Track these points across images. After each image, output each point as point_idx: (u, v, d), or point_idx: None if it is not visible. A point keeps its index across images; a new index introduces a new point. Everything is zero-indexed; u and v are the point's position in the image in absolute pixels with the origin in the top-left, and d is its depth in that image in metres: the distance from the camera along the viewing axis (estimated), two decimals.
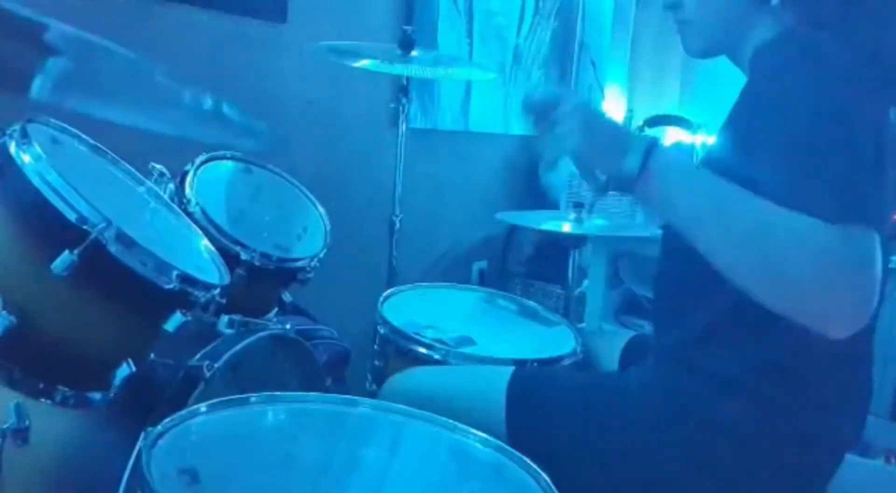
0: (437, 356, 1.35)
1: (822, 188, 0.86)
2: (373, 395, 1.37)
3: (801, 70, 0.94)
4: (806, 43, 0.98)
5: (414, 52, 1.98)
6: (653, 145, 0.93)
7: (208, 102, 1.15)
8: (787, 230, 0.84)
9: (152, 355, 1.20)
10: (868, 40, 0.99)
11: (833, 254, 0.82)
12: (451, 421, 0.99)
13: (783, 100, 0.94)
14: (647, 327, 1.31)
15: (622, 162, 0.93)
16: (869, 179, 0.88)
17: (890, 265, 1.13)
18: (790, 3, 1.04)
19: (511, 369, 1.21)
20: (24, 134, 1.04)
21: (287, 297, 1.68)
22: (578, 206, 2.30)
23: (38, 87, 1.00)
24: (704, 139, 3.09)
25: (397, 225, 2.20)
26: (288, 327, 1.50)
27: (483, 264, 3.23)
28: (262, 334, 1.40)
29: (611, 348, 1.43)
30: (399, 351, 1.40)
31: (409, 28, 2.01)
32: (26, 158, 1.02)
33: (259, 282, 1.51)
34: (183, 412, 0.91)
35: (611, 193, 1.00)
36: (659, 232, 1.16)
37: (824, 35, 0.98)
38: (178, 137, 1.46)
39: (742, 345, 1.02)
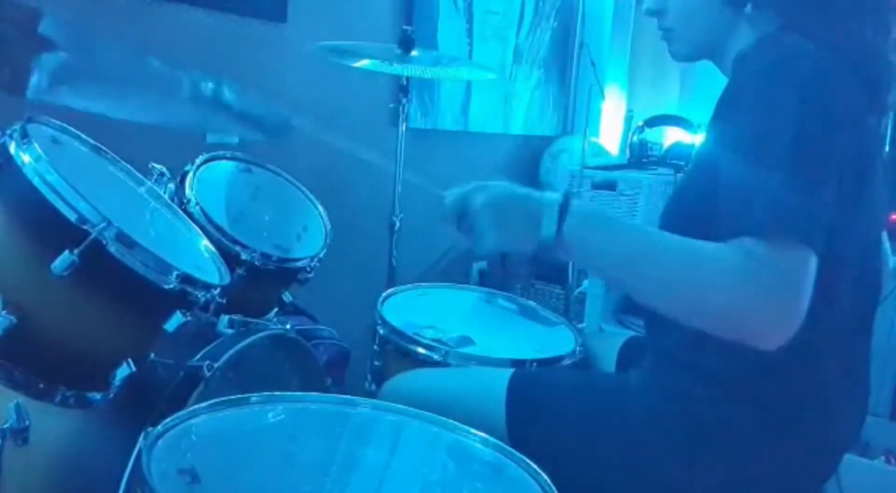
0: (436, 357, 1.35)
1: (761, 203, 0.87)
2: (372, 395, 1.36)
3: (768, 78, 0.95)
4: (780, 49, 0.98)
5: (414, 52, 1.98)
6: (565, 209, 0.96)
7: (209, 88, 1.15)
8: (697, 262, 0.88)
9: (152, 355, 1.20)
10: (846, 44, 0.99)
11: (748, 275, 0.85)
12: (450, 421, 0.99)
13: (747, 107, 0.95)
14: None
15: (538, 234, 0.97)
16: (815, 195, 0.88)
17: (890, 266, 1.13)
18: (764, 9, 1.05)
19: (510, 371, 1.21)
20: (24, 134, 1.04)
21: (287, 297, 1.68)
22: None
23: (36, 81, 1.00)
24: (703, 139, 3.09)
25: (397, 225, 2.20)
26: (288, 327, 1.50)
27: (483, 264, 3.23)
28: (262, 334, 1.40)
29: (609, 348, 1.43)
30: (399, 351, 1.40)
31: (409, 28, 2.01)
32: (26, 158, 1.02)
33: (259, 282, 1.51)
34: (183, 412, 0.91)
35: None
36: None
37: (801, 39, 0.97)
38: (178, 137, 1.46)
39: (736, 344, 1.02)
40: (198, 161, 1.55)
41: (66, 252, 1.00)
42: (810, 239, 0.86)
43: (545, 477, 0.89)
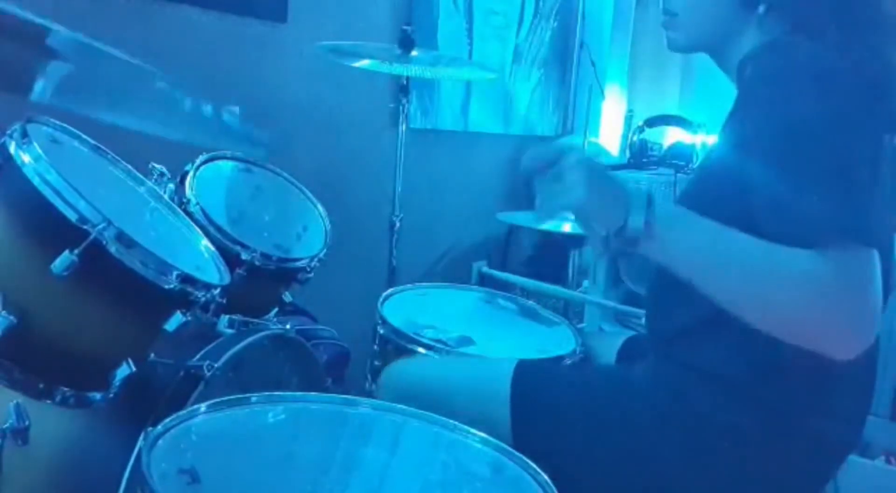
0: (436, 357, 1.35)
1: (817, 209, 0.86)
2: (372, 395, 1.36)
3: (795, 81, 0.94)
4: (796, 52, 0.97)
5: (414, 52, 1.98)
6: (651, 200, 0.93)
7: (209, 110, 1.16)
8: (776, 267, 0.86)
9: (152, 355, 1.20)
10: (856, 50, 0.98)
11: (823, 283, 0.83)
12: (450, 421, 0.99)
13: (777, 111, 0.94)
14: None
15: (626, 219, 0.93)
16: (865, 196, 0.88)
17: None
18: (777, 11, 1.04)
19: (514, 361, 1.21)
20: (24, 134, 1.04)
21: (287, 297, 1.68)
22: None
23: (40, 91, 1.00)
24: (704, 139, 3.09)
25: (397, 225, 2.20)
26: (288, 327, 1.50)
27: (483, 264, 3.24)
28: (262, 334, 1.40)
29: (609, 348, 1.43)
30: (399, 351, 1.40)
31: (409, 28, 2.01)
32: (26, 158, 1.02)
33: (259, 282, 1.51)
34: (183, 412, 0.91)
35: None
36: None
37: (814, 43, 0.97)
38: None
39: (739, 344, 1.02)
40: (198, 161, 1.55)
41: (66, 252, 1.00)
42: (872, 240, 0.85)
43: (545, 477, 0.89)
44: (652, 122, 3.23)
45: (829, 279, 0.83)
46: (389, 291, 1.61)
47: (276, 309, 1.67)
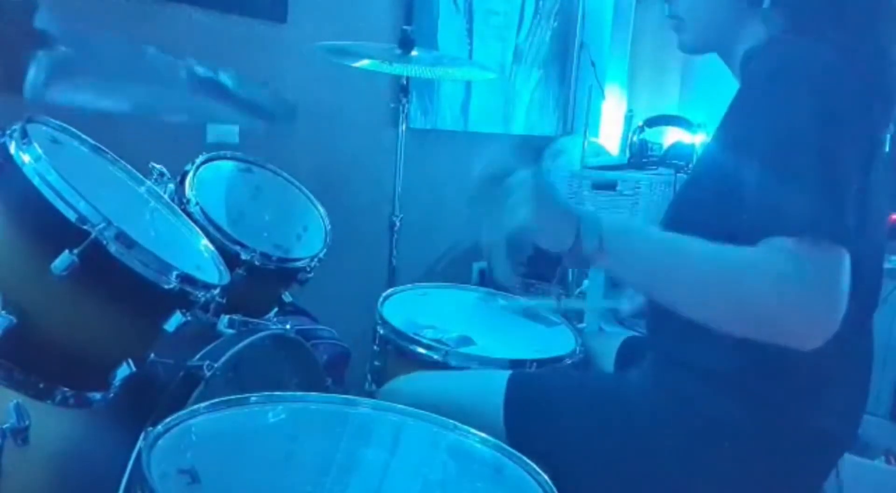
0: (436, 357, 1.35)
1: (790, 204, 0.87)
2: (372, 395, 1.36)
3: (789, 79, 0.94)
4: (792, 50, 0.98)
5: (414, 52, 1.98)
6: (600, 219, 0.95)
7: (209, 77, 1.15)
8: (731, 268, 0.87)
9: (152, 355, 1.20)
10: (859, 46, 0.99)
11: (785, 282, 0.84)
12: (450, 421, 0.99)
13: (765, 109, 0.95)
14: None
15: (577, 241, 0.95)
16: (842, 195, 0.88)
17: (889, 265, 1.13)
18: (780, 6, 1.04)
19: (508, 373, 1.21)
20: (24, 134, 1.04)
21: (287, 297, 1.68)
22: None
23: (33, 80, 1.00)
24: (704, 139, 3.09)
25: (397, 225, 2.20)
26: (288, 327, 1.50)
27: (483, 264, 3.23)
28: (262, 334, 1.40)
29: (608, 348, 1.43)
30: (399, 351, 1.40)
31: (409, 28, 2.01)
32: (26, 158, 1.02)
33: (259, 282, 1.51)
34: (183, 412, 0.91)
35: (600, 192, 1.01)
36: None
37: (812, 41, 0.97)
38: (177, 136, 1.46)
39: (737, 343, 1.02)
40: (198, 161, 1.55)
41: (66, 252, 1.00)
42: (843, 238, 0.86)
43: (545, 477, 0.89)
44: (652, 122, 3.22)
45: (796, 274, 0.84)
46: (389, 291, 1.61)
47: (276, 309, 1.68)
